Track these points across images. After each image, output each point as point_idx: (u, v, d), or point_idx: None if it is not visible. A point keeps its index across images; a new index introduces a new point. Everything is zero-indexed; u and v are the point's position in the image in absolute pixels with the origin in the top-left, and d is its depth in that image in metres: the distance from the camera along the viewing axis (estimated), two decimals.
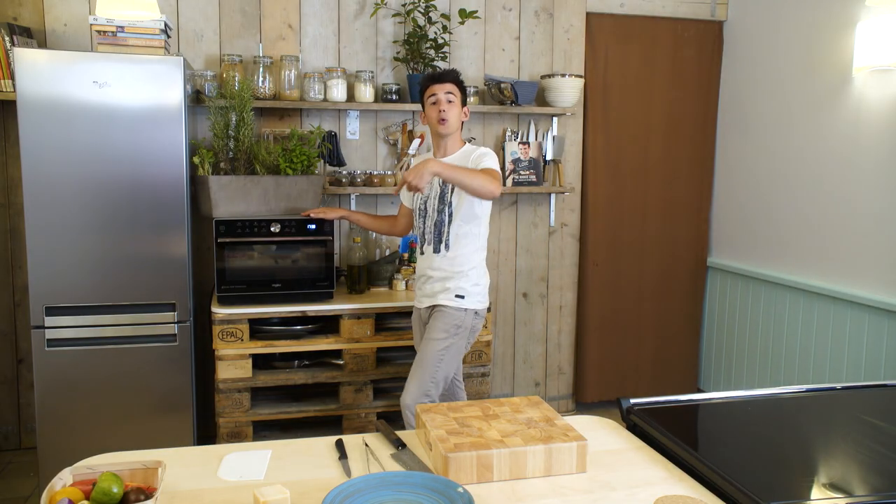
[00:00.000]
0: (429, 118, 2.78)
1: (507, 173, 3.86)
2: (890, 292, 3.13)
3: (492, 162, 2.69)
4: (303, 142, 3.38)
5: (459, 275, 2.73)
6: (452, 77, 2.77)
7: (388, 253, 3.73)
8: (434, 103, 2.73)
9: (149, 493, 1.29)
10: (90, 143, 2.85)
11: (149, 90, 2.88)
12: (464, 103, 2.82)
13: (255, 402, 3.20)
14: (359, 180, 3.63)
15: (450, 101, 2.73)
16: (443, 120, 2.72)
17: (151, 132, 2.90)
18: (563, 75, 3.83)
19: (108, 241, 2.91)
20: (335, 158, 3.60)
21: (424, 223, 2.78)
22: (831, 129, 3.44)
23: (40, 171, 2.81)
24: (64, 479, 1.30)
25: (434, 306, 2.76)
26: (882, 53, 3.09)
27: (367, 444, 1.61)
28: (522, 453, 1.45)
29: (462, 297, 2.73)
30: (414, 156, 3.23)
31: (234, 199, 3.14)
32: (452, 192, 2.70)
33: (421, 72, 3.64)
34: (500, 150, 3.94)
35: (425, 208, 2.76)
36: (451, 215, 2.71)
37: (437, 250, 2.74)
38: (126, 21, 2.95)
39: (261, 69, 3.47)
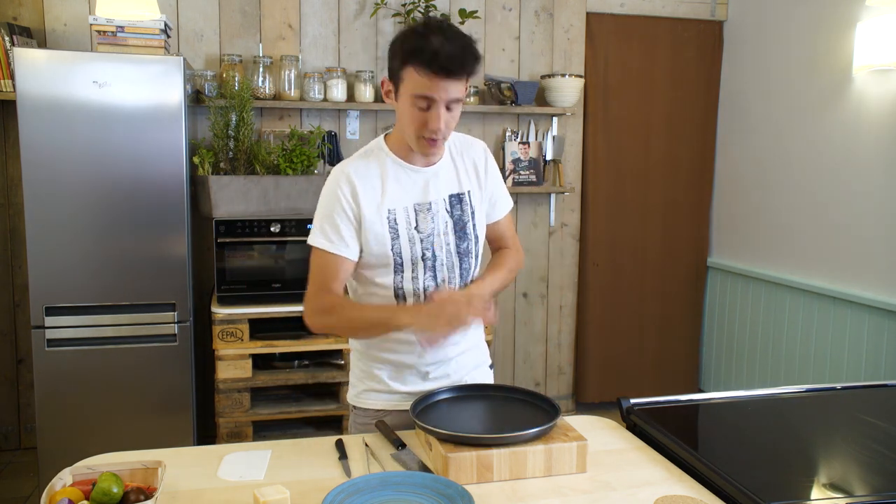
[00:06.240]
0: (407, 127, 1.58)
1: (507, 173, 3.86)
2: (890, 292, 3.13)
3: (505, 191, 1.82)
4: (303, 142, 3.38)
5: (482, 330, 1.84)
6: (470, 69, 1.55)
7: None
8: (426, 109, 1.54)
9: (149, 493, 1.29)
10: (90, 143, 2.85)
11: (149, 90, 2.88)
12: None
13: (255, 402, 3.20)
14: None
15: (450, 110, 1.56)
16: (433, 140, 1.58)
17: (151, 132, 2.90)
18: (563, 75, 3.83)
19: (108, 241, 2.91)
20: (335, 158, 3.60)
21: (435, 275, 1.66)
22: (831, 129, 3.44)
23: (40, 171, 2.81)
24: (64, 479, 1.30)
25: None
26: (882, 53, 3.08)
27: (367, 444, 1.61)
28: (522, 453, 1.45)
29: (493, 365, 1.89)
30: None
31: (234, 199, 3.14)
32: (474, 215, 1.71)
33: None
34: (500, 150, 3.94)
35: (432, 254, 1.65)
36: (478, 250, 1.72)
37: None
38: (126, 21, 2.95)
39: (261, 69, 3.47)
